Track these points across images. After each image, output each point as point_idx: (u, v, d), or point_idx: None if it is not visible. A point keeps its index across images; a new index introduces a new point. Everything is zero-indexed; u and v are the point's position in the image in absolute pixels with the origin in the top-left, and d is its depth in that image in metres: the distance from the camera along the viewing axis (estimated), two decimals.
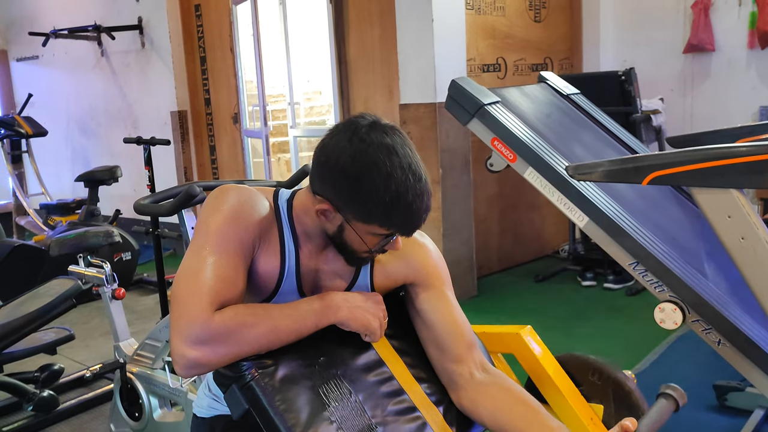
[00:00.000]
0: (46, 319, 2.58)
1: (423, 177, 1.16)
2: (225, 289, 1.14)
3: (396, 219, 1.16)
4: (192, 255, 1.16)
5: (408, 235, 1.22)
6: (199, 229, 1.20)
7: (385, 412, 1.22)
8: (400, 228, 1.19)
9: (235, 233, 1.18)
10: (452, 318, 1.34)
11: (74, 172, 5.73)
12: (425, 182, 1.16)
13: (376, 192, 1.12)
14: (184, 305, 1.11)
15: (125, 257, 4.25)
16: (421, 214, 1.17)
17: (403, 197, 1.13)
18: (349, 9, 4.27)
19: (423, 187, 1.16)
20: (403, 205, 1.14)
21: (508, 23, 4.40)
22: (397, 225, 1.18)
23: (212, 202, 1.22)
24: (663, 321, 1.91)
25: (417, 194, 1.14)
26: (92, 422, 2.76)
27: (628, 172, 1.70)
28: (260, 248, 1.22)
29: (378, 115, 1.21)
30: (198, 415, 1.42)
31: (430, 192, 1.18)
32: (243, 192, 1.23)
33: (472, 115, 2.71)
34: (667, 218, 2.53)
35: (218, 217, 1.18)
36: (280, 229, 1.25)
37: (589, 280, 4.16)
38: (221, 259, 1.15)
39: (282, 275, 1.25)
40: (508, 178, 3.90)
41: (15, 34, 7.00)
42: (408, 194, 1.13)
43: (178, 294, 1.13)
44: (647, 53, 4.63)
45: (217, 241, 1.16)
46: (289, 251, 1.25)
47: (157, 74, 5.65)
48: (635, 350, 3.11)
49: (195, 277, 1.13)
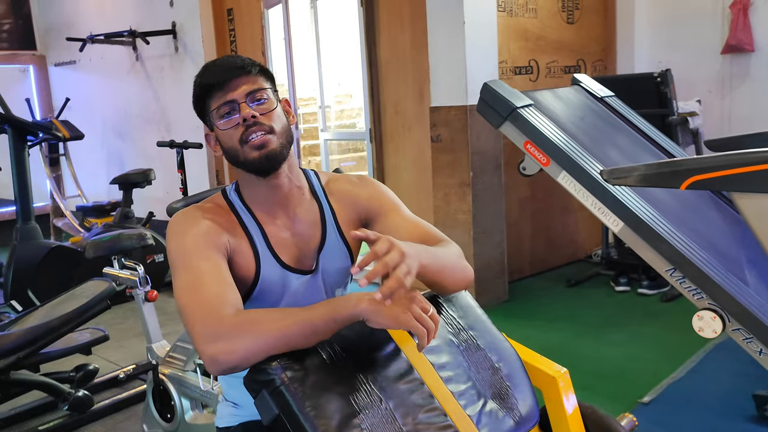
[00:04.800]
0: (82, 320, 2.62)
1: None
2: (224, 289, 1.22)
3: (202, 77, 1.34)
4: (181, 274, 1.25)
5: (220, 84, 1.31)
6: (175, 254, 1.29)
7: (416, 420, 1.20)
8: (207, 77, 1.32)
9: (206, 242, 1.27)
10: (418, 230, 1.40)
11: (109, 175, 5.82)
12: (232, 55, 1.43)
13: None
14: (194, 313, 1.18)
15: (157, 259, 4.31)
16: (219, 61, 1.35)
17: (204, 65, 1.37)
18: (380, 11, 4.27)
19: (226, 55, 1.39)
20: (200, 71, 1.36)
21: (541, 25, 4.35)
22: (204, 77, 1.33)
23: (174, 230, 1.32)
24: (702, 329, 1.87)
25: (218, 59, 1.37)
26: (125, 422, 2.80)
27: (665, 177, 1.66)
28: (231, 245, 1.31)
29: (408, 117, 1.22)
30: (220, 426, 1.43)
31: (239, 56, 1.35)
32: (192, 210, 1.35)
33: (505, 118, 2.68)
34: (705, 224, 2.47)
35: (187, 237, 1.28)
36: (239, 218, 1.35)
37: (623, 286, 4.08)
38: (210, 266, 1.24)
39: (257, 256, 1.33)
40: (540, 181, 3.85)
41: (53, 40, 7.16)
42: (208, 62, 1.38)
43: (185, 306, 1.21)
44: (684, 54, 4.54)
45: (196, 255, 1.25)
46: (255, 232, 1.35)
47: (190, 78, 5.63)
48: (671, 358, 3.04)
49: (193, 289, 1.21)
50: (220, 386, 2.11)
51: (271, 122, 1.32)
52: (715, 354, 3.06)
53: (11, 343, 2.47)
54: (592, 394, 2.68)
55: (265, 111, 1.32)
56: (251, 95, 1.31)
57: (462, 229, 3.82)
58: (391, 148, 4.38)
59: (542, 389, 1.51)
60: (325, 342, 1.21)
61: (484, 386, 1.33)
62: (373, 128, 4.38)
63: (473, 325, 1.41)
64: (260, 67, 1.35)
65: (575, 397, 1.50)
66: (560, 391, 1.49)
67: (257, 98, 1.32)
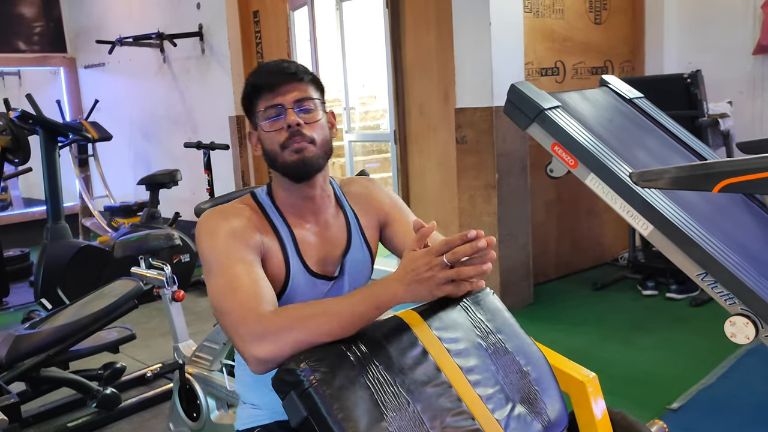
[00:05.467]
0: (110, 319, 2.66)
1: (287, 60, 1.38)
2: (261, 288, 1.22)
3: (251, 80, 1.34)
4: (217, 275, 1.24)
5: (271, 86, 1.31)
6: (207, 254, 1.28)
7: (444, 423, 1.19)
8: (259, 77, 1.33)
9: (238, 240, 1.28)
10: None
11: (136, 176, 5.90)
12: (287, 59, 1.38)
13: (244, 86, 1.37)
14: (234, 315, 1.18)
15: (184, 259, 4.35)
16: (273, 64, 1.34)
17: (253, 69, 1.38)
18: (406, 13, 4.27)
19: (282, 59, 1.37)
20: (253, 71, 1.37)
21: (567, 26, 4.31)
22: (256, 77, 1.34)
23: (205, 230, 1.31)
24: (734, 335, 1.83)
25: (268, 62, 1.37)
26: (152, 420, 2.82)
27: (697, 179, 1.63)
28: (264, 244, 1.32)
29: (433, 118, 1.24)
30: (241, 429, 1.44)
31: (292, 61, 1.36)
32: (222, 209, 1.36)
33: (532, 120, 2.66)
34: (737, 227, 2.43)
35: (218, 236, 1.28)
36: (269, 220, 1.36)
37: (651, 289, 4.02)
38: (244, 266, 1.24)
39: (287, 259, 1.34)
40: (566, 183, 3.82)
41: (83, 43, 7.27)
42: (258, 66, 1.39)
43: (224, 309, 1.20)
44: (714, 55, 4.46)
45: (231, 255, 1.25)
46: (285, 235, 1.35)
47: (216, 80, 5.78)
48: (700, 364, 2.99)
49: (232, 289, 1.21)
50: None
51: (314, 132, 1.33)
52: (746, 360, 3.00)
53: (42, 341, 2.51)
54: (619, 400, 2.64)
55: (310, 120, 1.32)
56: (299, 102, 1.32)
57: (487, 231, 3.78)
58: (415, 150, 4.37)
59: (571, 394, 1.49)
60: (351, 342, 1.21)
61: (513, 390, 1.31)
62: (397, 129, 4.37)
63: (501, 328, 1.40)
64: (312, 77, 1.37)
65: (604, 402, 1.49)
66: (589, 396, 1.47)
67: (304, 106, 1.33)
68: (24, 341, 2.49)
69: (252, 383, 1.42)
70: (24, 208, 7.43)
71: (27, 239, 6.10)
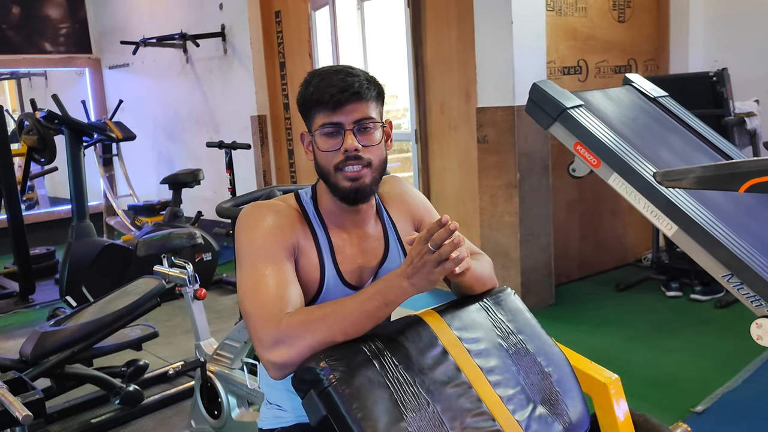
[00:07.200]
0: (133, 317, 2.68)
1: (346, 66, 1.29)
2: (287, 292, 1.23)
3: (311, 89, 1.27)
4: (247, 272, 1.25)
5: (330, 101, 1.25)
6: (243, 248, 1.28)
7: (464, 424, 1.19)
8: (321, 93, 1.25)
9: (276, 242, 1.27)
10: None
11: (159, 175, 5.96)
12: (347, 66, 1.29)
13: (302, 85, 1.30)
14: (256, 318, 1.20)
15: (206, 258, 4.38)
16: (337, 77, 1.25)
17: (316, 72, 1.29)
18: (427, 12, 4.26)
19: (340, 67, 1.29)
20: (316, 76, 1.28)
21: (590, 24, 4.27)
22: (314, 92, 1.26)
23: (246, 222, 1.30)
24: (760, 338, 1.80)
25: (331, 69, 1.28)
26: (174, 417, 2.85)
27: (723, 179, 1.61)
28: (299, 248, 1.31)
29: (454, 118, 1.22)
30: (263, 429, 1.44)
31: (358, 73, 1.28)
32: (269, 206, 1.34)
33: (555, 119, 2.64)
34: (764, 227, 2.38)
35: (258, 233, 1.28)
36: (309, 224, 1.34)
37: (675, 291, 3.97)
38: (274, 267, 1.24)
39: (322, 266, 1.32)
40: (588, 183, 3.78)
41: (108, 44, 7.37)
42: (321, 70, 1.29)
43: (248, 310, 1.22)
44: (740, 53, 4.39)
45: (265, 254, 1.25)
46: (323, 242, 1.34)
47: (238, 80, 5.82)
48: (726, 367, 2.94)
49: (257, 291, 1.22)
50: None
51: (371, 155, 1.29)
52: None
53: (66, 338, 2.55)
54: (642, 402, 2.61)
55: (369, 143, 1.28)
56: (359, 123, 1.27)
57: (509, 231, 3.77)
58: (436, 149, 4.36)
59: (592, 396, 1.48)
60: (371, 342, 1.21)
61: (534, 391, 1.30)
62: (418, 129, 4.36)
63: (522, 329, 1.39)
64: (377, 91, 1.31)
65: (626, 404, 1.47)
66: (611, 398, 1.45)
67: (365, 126, 1.28)
68: (49, 338, 2.53)
69: (278, 385, 1.40)
70: (50, 206, 7.54)
71: (53, 237, 6.20)
